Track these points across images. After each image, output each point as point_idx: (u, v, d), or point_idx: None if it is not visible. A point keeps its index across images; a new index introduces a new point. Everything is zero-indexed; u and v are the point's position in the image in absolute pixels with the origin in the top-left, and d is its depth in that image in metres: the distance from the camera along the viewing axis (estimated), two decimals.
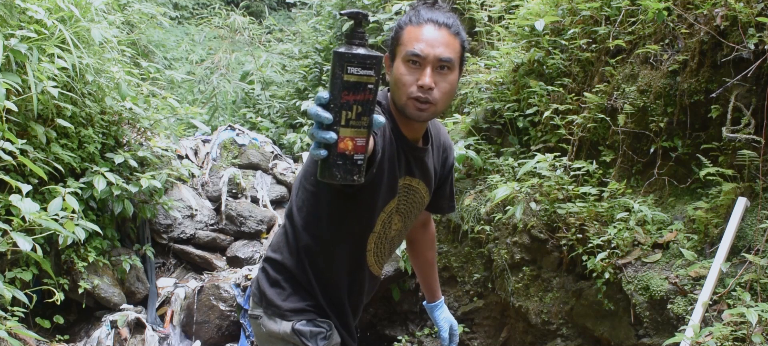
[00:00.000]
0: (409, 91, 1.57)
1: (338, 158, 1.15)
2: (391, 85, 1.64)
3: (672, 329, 2.64)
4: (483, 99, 4.13)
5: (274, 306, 1.76)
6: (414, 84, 1.57)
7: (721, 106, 2.89)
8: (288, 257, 1.78)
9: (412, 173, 1.76)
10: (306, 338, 1.72)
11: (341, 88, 1.13)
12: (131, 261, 4.12)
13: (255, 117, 6.82)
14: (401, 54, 1.59)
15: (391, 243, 1.87)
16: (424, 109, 1.59)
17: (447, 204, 2.03)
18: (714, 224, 2.75)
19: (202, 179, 5.13)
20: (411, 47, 1.57)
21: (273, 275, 1.80)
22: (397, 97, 1.61)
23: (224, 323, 4.13)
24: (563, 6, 3.85)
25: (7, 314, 2.96)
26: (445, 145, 1.93)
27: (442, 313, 2.24)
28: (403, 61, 1.58)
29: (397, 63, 1.60)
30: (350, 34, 1.18)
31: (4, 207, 3.03)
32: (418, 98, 1.57)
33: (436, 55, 1.56)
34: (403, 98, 1.59)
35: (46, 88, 3.21)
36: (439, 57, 1.56)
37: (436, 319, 2.24)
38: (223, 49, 9.13)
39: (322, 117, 1.12)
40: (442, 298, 2.27)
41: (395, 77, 1.61)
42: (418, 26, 1.59)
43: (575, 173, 3.32)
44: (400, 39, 1.60)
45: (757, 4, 2.78)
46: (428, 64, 1.56)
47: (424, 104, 1.58)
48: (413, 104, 1.58)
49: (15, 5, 3.30)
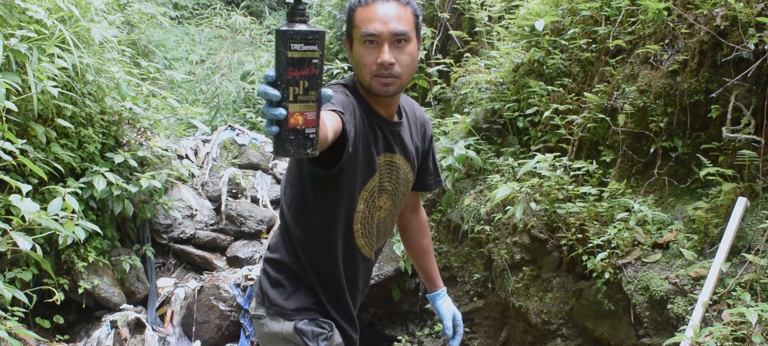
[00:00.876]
0: (372, 70, 1.62)
1: (290, 133, 1.17)
2: (354, 67, 1.69)
3: (672, 329, 2.64)
4: (483, 99, 4.13)
5: (277, 306, 1.78)
6: (374, 63, 1.62)
7: (721, 106, 2.89)
8: (286, 255, 1.80)
9: (391, 149, 1.79)
10: (308, 338, 1.73)
11: (286, 65, 1.16)
12: (131, 261, 4.12)
13: (255, 117, 6.82)
14: (357, 36, 1.63)
15: (384, 225, 1.88)
16: (390, 84, 1.63)
17: (433, 179, 2.05)
18: (714, 224, 2.75)
19: (202, 179, 5.13)
20: (365, 28, 1.61)
21: (274, 275, 1.81)
22: (361, 77, 1.66)
23: (224, 323, 4.13)
24: (563, 6, 3.85)
25: (7, 314, 2.96)
26: (421, 119, 1.96)
27: (445, 302, 2.18)
28: (360, 43, 1.63)
29: (356, 45, 1.65)
30: (291, 12, 1.20)
31: (4, 207, 3.03)
32: (381, 74, 1.62)
33: (391, 30, 1.60)
34: (367, 78, 1.64)
35: (46, 88, 3.21)
36: (394, 32, 1.60)
37: (439, 309, 2.18)
38: (225, 49, 9.13)
39: (271, 94, 1.14)
40: (443, 287, 2.22)
41: (356, 59, 1.65)
42: (368, 6, 1.63)
43: (575, 173, 3.32)
44: (353, 21, 1.65)
45: (757, 4, 2.78)
46: (384, 41, 1.60)
47: (388, 79, 1.63)
48: (377, 81, 1.63)
49: (15, 5, 3.30)
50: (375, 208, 1.79)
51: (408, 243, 2.22)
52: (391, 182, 1.83)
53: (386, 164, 1.79)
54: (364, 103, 1.70)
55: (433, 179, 2.05)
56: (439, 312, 2.18)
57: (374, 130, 1.71)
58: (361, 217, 1.77)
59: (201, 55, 9.25)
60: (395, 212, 1.92)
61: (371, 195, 1.75)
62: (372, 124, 1.71)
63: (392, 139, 1.78)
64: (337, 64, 6.18)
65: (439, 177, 2.07)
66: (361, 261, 1.85)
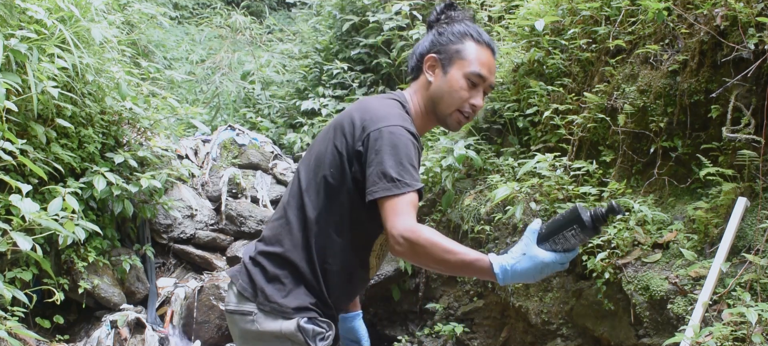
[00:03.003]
0: (460, 106, 1.72)
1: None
2: (441, 90, 1.74)
3: (672, 329, 2.64)
4: None
5: (274, 303, 1.71)
6: (467, 101, 1.72)
7: (721, 106, 2.89)
8: (291, 250, 1.73)
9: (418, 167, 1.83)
10: (309, 337, 1.69)
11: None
12: (131, 261, 4.12)
13: (255, 117, 6.81)
14: (463, 69, 1.72)
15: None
16: (462, 123, 1.77)
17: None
18: (714, 224, 2.75)
19: (202, 179, 5.13)
20: (478, 68, 1.71)
21: (272, 270, 1.74)
22: (446, 105, 1.73)
23: (224, 323, 4.13)
24: (563, 6, 3.85)
25: (7, 314, 2.96)
26: None
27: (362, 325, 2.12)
28: (463, 76, 1.71)
29: (456, 74, 1.72)
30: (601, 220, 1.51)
31: (4, 207, 3.03)
32: (465, 113, 1.74)
33: (491, 83, 1.75)
34: (452, 108, 1.73)
35: (46, 88, 3.21)
36: (491, 84, 1.75)
37: (357, 329, 2.10)
38: (225, 49, 9.12)
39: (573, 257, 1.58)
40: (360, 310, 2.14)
41: (451, 87, 1.72)
42: (483, 48, 1.74)
43: (575, 173, 3.32)
44: (464, 53, 1.72)
45: (757, 4, 2.78)
46: (484, 88, 1.74)
47: (466, 119, 1.75)
48: (458, 117, 1.74)
49: (15, 5, 3.30)
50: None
51: None
52: None
53: None
54: (413, 125, 1.73)
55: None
56: (358, 333, 2.10)
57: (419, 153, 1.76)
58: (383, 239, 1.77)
59: (201, 55, 9.25)
60: None
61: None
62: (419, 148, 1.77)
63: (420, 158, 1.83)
64: (337, 64, 6.18)
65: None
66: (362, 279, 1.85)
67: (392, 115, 1.66)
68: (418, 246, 1.52)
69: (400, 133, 1.62)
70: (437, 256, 1.52)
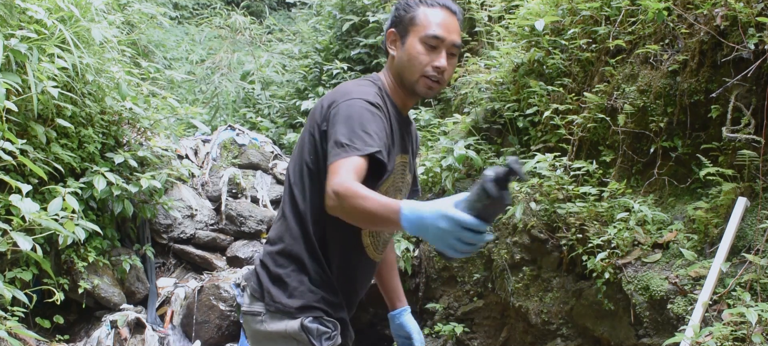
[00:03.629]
0: (425, 70, 1.70)
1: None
2: (402, 61, 1.73)
3: (672, 329, 2.64)
4: (483, 99, 4.13)
5: (279, 304, 1.73)
6: (429, 64, 1.69)
7: (721, 106, 2.89)
8: (292, 243, 1.75)
9: (406, 150, 1.83)
10: (313, 336, 1.70)
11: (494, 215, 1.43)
12: (131, 261, 4.12)
13: (255, 117, 6.81)
14: (418, 34, 1.70)
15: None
16: (434, 88, 1.72)
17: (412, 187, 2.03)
18: (714, 224, 2.75)
19: (202, 179, 5.13)
20: (431, 30, 1.69)
21: (275, 271, 1.76)
22: (410, 73, 1.71)
23: (224, 323, 4.13)
24: (563, 6, 3.85)
25: (7, 314, 2.96)
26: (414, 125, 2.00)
27: (411, 320, 2.07)
28: (419, 41, 1.69)
29: (413, 41, 1.70)
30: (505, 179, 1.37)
31: (4, 207, 3.03)
32: (431, 77, 1.70)
33: (452, 40, 1.70)
34: (416, 75, 1.70)
35: (46, 88, 3.21)
36: (454, 43, 1.71)
37: (406, 326, 2.05)
38: (224, 49, 9.12)
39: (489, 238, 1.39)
40: (408, 305, 2.11)
41: (409, 55, 1.71)
42: (433, 8, 1.71)
43: (575, 172, 3.32)
44: (416, 19, 1.71)
45: (757, 4, 2.78)
46: (444, 48, 1.69)
47: (435, 83, 1.71)
48: (425, 82, 1.71)
49: (15, 5, 3.30)
50: None
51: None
52: (403, 182, 1.85)
53: (400, 165, 1.81)
54: (391, 102, 1.75)
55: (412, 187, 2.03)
56: (407, 329, 2.05)
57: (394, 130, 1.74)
58: None
59: (201, 55, 9.25)
60: None
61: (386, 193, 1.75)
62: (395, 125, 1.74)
63: (407, 140, 1.83)
64: (337, 64, 6.18)
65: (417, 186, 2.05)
66: (364, 261, 1.84)
67: (355, 91, 1.68)
68: (344, 198, 1.48)
69: (356, 103, 1.63)
70: (357, 204, 1.47)
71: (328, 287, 1.76)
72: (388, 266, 2.11)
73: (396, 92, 1.77)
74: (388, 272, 2.11)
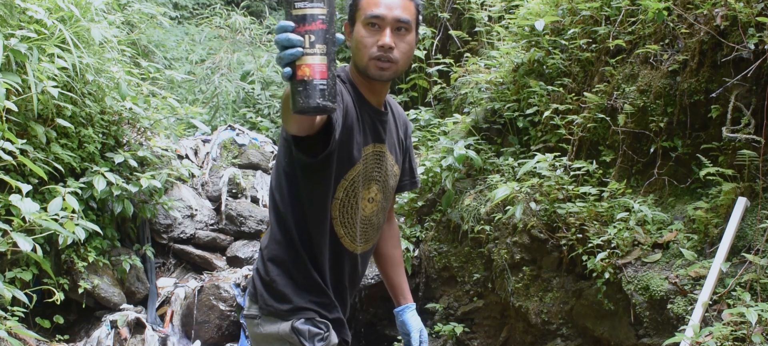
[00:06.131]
0: (371, 52, 1.66)
1: (299, 85, 1.27)
2: (353, 49, 1.71)
3: (672, 329, 2.64)
4: (483, 99, 4.13)
5: (271, 306, 1.76)
6: (374, 45, 1.66)
7: (721, 106, 2.89)
8: (276, 248, 1.78)
9: (380, 139, 1.80)
10: (304, 338, 1.72)
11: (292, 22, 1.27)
12: (131, 261, 4.12)
13: (255, 117, 6.81)
14: (360, 18, 1.67)
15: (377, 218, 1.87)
16: (386, 69, 1.67)
17: (409, 180, 2.04)
18: (714, 224, 2.75)
19: (202, 179, 5.13)
20: (370, 11, 1.65)
21: (265, 275, 1.79)
22: (359, 59, 1.69)
23: (224, 323, 4.13)
24: (563, 6, 3.86)
25: (7, 314, 2.96)
26: (402, 116, 1.99)
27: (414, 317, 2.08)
28: (362, 25, 1.67)
29: (357, 27, 1.68)
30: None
31: (4, 207, 3.04)
32: (380, 58, 1.66)
33: (395, 16, 1.65)
34: (365, 59, 1.67)
35: (46, 88, 3.21)
36: (398, 18, 1.65)
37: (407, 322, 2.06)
38: (224, 49, 9.12)
39: (294, 40, 1.25)
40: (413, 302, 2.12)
41: (356, 40, 1.69)
42: None
43: (575, 172, 3.32)
44: (358, 4, 1.69)
45: (757, 4, 2.78)
46: (387, 26, 1.65)
47: (386, 63, 1.66)
48: (375, 64, 1.67)
49: (15, 5, 3.30)
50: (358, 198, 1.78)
51: (377, 252, 2.11)
52: (380, 172, 1.83)
53: (374, 155, 1.79)
54: (355, 92, 1.73)
55: (409, 179, 2.04)
56: (408, 326, 2.06)
57: (363, 119, 1.73)
58: (340, 205, 1.75)
59: (201, 55, 9.24)
60: (386, 205, 1.91)
61: (352, 184, 1.75)
62: (361, 113, 1.72)
63: (381, 130, 1.80)
64: (337, 63, 6.17)
65: (415, 178, 2.06)
66: (345, 255, 1.83)
67: None
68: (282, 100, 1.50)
69: None
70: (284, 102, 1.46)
71: (316, 288, 1.77)
72: (392, 263, 2.12)
73: (361, 83, 1.75)
74: (393, 269, 2.13)
